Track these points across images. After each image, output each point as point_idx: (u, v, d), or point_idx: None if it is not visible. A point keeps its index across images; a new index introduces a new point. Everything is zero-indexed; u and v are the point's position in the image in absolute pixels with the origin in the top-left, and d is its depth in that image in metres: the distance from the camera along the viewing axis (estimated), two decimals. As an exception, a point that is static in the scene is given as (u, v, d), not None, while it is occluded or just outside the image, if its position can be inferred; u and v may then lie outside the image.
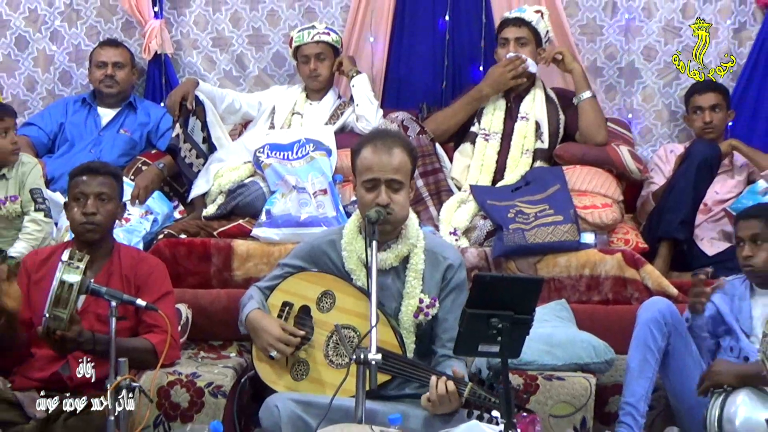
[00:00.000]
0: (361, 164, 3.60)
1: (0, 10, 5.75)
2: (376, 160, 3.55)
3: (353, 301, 3.64)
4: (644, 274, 4.42)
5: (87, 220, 3.82)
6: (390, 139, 3.64)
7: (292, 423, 3.37)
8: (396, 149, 3.57)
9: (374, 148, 3.58)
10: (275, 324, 3.66)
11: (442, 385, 3.28)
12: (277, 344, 3.61)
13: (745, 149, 5.04)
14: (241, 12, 5.67)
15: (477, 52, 5.50)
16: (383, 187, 3.53)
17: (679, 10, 5.42)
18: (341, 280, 3.71)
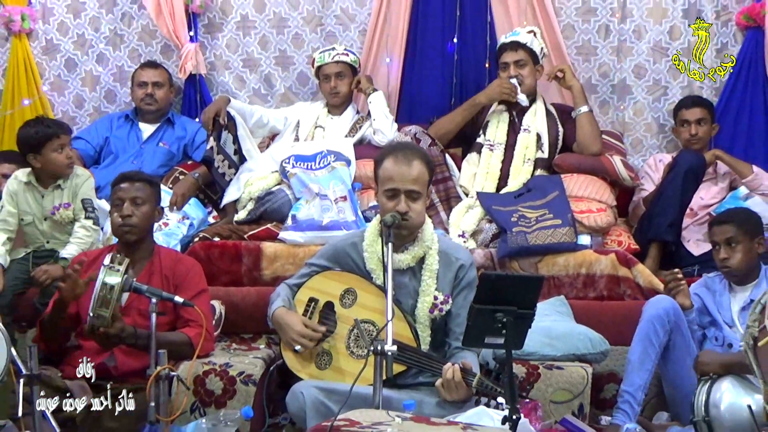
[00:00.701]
0: (383, 174, 3.62)
1: (51, 36, 5.78)
2: (396, 171, 3.58)
3: (373, 297, 3.65)
4: (636, 273, 4.42)
5: (123, 222, 3.85)
6: (410, 152, 3.66)
7: (316, 408, 3.37)
8: (415, 161, 3.60)
9: (395, 159, 3.60)
10: (298, 320, 3.67)
11: (451, 371, 3.32)
12: (299, 339, 3.63)
13: (727, 158, 5.03)
14: (269, 36, 5.67)
15: (482, 72, 5.49)
16: (403, 197, 3.56)
17: (666, 32, 5.40)
18: (362, 278, 3.72)
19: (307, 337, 3.62)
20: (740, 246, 3.83)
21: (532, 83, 5.01)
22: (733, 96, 5.35)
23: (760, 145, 5.33)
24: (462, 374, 3.36)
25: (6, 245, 4.63)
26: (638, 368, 3.76)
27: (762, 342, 2.19)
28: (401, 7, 5.46)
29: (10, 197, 4.66)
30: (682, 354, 3.77)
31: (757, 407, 3.04)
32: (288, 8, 5.63)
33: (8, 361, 3.03)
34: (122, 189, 3.91)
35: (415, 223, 3.62)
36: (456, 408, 3.39)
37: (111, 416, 3.59)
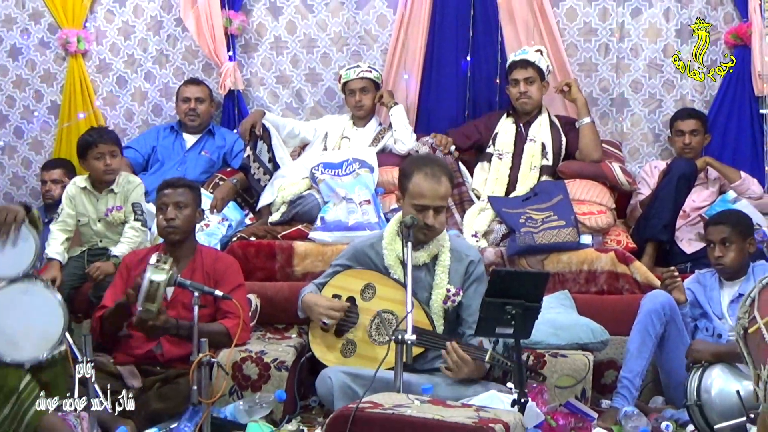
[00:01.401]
0: (413, 189, 3.65)
1: (104, 56, 5.81)
2: (427, 188, 3.62)
3: (391, 290, 3.68)
4: (633, 269, 4.40)
5: (168, 224, 3.88)
6: (437, 168, 3.69)
7: (343, 391, 3.39)
8: (443, 178, 3.67)
9: (425, 176, 3.64)
10: (324, 299, 3.78)
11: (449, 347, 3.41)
12: (327, 312, 3.70)
13: (717, 165, 5.02)
14: (300, 55, 5.68)
15: (493, 87, 5.47)
16: (431, 212, 3.61)
17: (661, 50, 5.38)
18: (380, 274, 3.78)
19: (334, 309, 3.69)
20: (734, 245, 3.81)
21: (539, 97, 5.00)
22: (722, 108, 5.32)
23: (746, 153, 5.29)
24: (474, 351, 3.38)
25: (64, 244, 4.67)
26: (636, 357, 3.75)
27: (752, 330, 2.18)
28: (419, 29, 5.45)
29: (69, 201, 4.71)
30: (676, 344, 3.76)
31: (745, 392, 3.02)
32: (317, 30, 5.64)
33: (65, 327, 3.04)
34: (166, 194, 3.94)
35: (437, 233, 3.71)
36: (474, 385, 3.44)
37: (158, 398, 3.63)
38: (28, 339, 3.00)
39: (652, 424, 3.57)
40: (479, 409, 2.90)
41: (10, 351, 2.97)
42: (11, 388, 2.89)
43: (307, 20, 5.64)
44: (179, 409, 3.48)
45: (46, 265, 4.60)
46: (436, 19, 5.48)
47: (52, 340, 3.03)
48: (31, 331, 3.00)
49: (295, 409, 3.86)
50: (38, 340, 3.01)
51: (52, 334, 3.02)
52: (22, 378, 2.94)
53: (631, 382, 3.73)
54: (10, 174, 6.01)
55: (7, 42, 5.90)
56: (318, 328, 3.82)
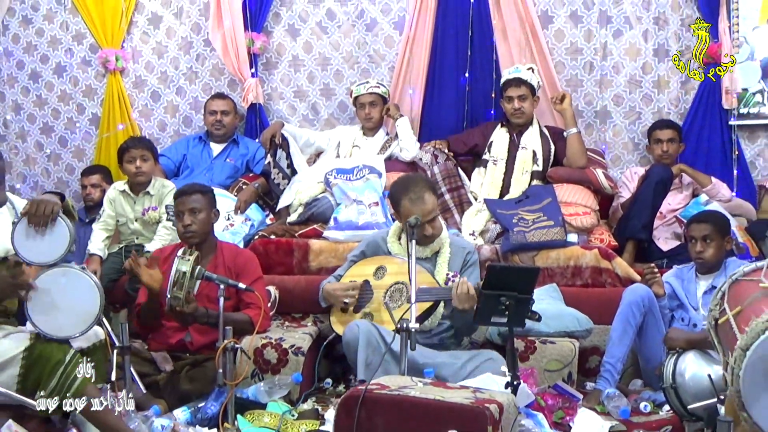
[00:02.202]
0: (404, 212, 3.73)
1: (140, 73, 5.83)
2: (416, 211, 3.69)
3: (399, 267, 3.82)
4: (615, 265, 4.39)
5: (185, 230, 3.86)
6: (420, 188, 3.77)
7: (367, 338, 3.49)
8: (426, 195, 3.75)
9: (411, 201, 3.73)
10: (340, 284, 3.86)
11: (461, 283, 3.46)
12: (346, 293, 3.80)
13: (690, 171, 5.01)
14: (315, 72, 5.68)
15: (489, 100, 5.46)
16: (426, 225, 3.70)
17: (640, 67, 5.36)
18: (388, 256, 3.89)
19: (350, 289, 3.80)
20: (714, 242, 3.80)
21: (531, 111, 4.99)
22: (695, 120, 5.30)
23: (717, 160, 5.27)
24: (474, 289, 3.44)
25: (105, 242, 4.71)
26: (618, 344, 3.75)
27: (722, 320, 2.17)
28: (422, 49, 5.44)
29: (110, 203, 4.73)
30: (653, 333, 3.75)
31: (716, 376, 3.01)
32: (330, 50, 5.64)
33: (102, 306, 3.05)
34: (181, 202, 3.90)
35: (435, 234, 3.81)
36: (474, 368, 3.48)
37: (187, 380, 3.63)
38: (68, 317, 3.00)
39: (631, 405, 3.56)
40: (476, 391, 2.89)
41: (53, 328, 2.97)
42: (57, 360, 2.89)
43: (322, 41, 5.65)
44: (206, 390, 3.49)
45: (87, 259, 4.63)
46: (438, 40, 5.48)
47: (90, 317, 3.03)
48: (71, 310, 3.00)
49: (311, 390, 3.85)
50: (78, 318, 3.01)
51: (89, 311, 3.03)
52: (67, 352, 2.94)
53: (613, 367, 3.73)
54: (55, 179, 6.04)
55: (53, 60, 5.93)
56: (338, 310, 3.88)
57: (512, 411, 2.88)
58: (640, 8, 5.32)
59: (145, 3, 5.78)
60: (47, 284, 2.99)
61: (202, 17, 5.73)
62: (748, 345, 1.90)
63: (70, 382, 2.88)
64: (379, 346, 3.38)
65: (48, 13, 5.89)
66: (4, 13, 5.89)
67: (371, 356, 3.37)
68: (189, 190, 3.94)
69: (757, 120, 5.25)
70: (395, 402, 2.75)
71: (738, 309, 2.12)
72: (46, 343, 2.93)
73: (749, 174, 5.28)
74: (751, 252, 4.53)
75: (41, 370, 2.87)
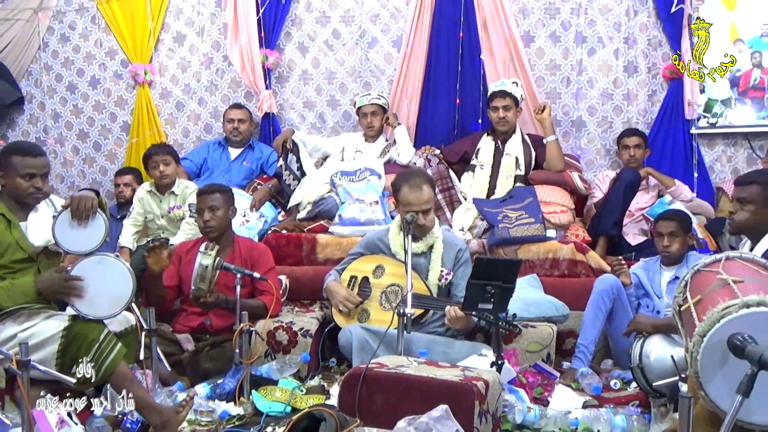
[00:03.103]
0: (402, 199, 3.71)
1: (166, 85, 5.82)
2: (413, 198, 3.68)
3: (396, 269, 3.74)
4: (589, 258, 4.39)
5: (205, 225, 3.87)
6: (419, 179, 3.73)
7: (360, 342, 3.45)
8: (424, 186, 3.70)
9: (409, 188, 3.69)
10: (343, 290, 3.77)
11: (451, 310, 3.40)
12: (344, 302, 3.72)
13: (656, 174, 5.00)
14: (322, 85, 5.67)
15: (477, 111, 5.44)
16: (420, 214, 3.66)
17: (611, 82, 5.35)
18: (387, 257, 3.82)
19: (348, 301, 3.71)
20: (678, 238, 3.82)
21: (514, 121, 4.98)
22: (661, 129, 5.29)
23: (680, 164, 5.27)
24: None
25: (134, 236, 4.73)
26: (590, 327, 3.75)
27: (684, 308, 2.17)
28: (418, 64, 5.43)
29: (139, 202, 4.74)
30: (621, 317, 3.75)
31: (678, 357, 3.01)
32: (336, 65, 5.63)
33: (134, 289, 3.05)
34: (202, 200, 3.91)
35: (428, 228, 3.75)
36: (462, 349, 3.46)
37: (207, 359, 3.63)
38: (103, 300, 3.00)
39: (603, 382, 3.56)
40: (465, 369, 2.90)
41: (90, 310, 2.97)
42: (93, 339, 2.89)
43: (329, 57, 5.64)
44: (225, 368, 3.49)
45: (118, 251, 4.63)
46: (432, 57, 5.46)
47: (123, 300, 3.03)
48: (106, 293, 3.00)
49: (318, 368, 3.85)
50: (112, 301, 3.01)
51: (123, 294, 3.02)
52: (102, 331, 2.94)
53: (586, 348, 3.74)
54: (90, 179, 6.04)
55: (87, 74, 5.92)
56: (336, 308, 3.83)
57: (497, 387, 2.88)
58: (612, 29, 5.31)
59: (170, 23, 5.78)
60: (85, 271, 2.99)
61: (221, 36, 5.72)
62: (705, 332, 1.90)
63: (104, 358, 2.88)
64: (370, 347, 3.36)
65: (83, 31, 5.88)
66: (44, 32, 5.88)
67: (364, 358, 3.35)
68: (209, 190, 3.94)
69: (715, 129, 5.24)
70: (393, 379, 2.75)
71: (698, 298, 2.12)
72: (83, 323, 2.93)
73: (708, 177, 5.29)
74: (710, 246, 4.53)
75: (78, 348, 2.87)
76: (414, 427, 2.48)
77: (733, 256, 2.23)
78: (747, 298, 1.90)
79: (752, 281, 2.04)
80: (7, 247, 3.02)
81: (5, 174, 3.08)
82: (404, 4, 5.49)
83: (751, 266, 2.17)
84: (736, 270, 2.13)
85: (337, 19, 5.60)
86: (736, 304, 1.89)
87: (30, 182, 3.07)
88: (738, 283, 2.03)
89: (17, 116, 6.06)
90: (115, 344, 2.94)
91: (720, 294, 2.02)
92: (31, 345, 2.71)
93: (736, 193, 3.04)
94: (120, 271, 3.04)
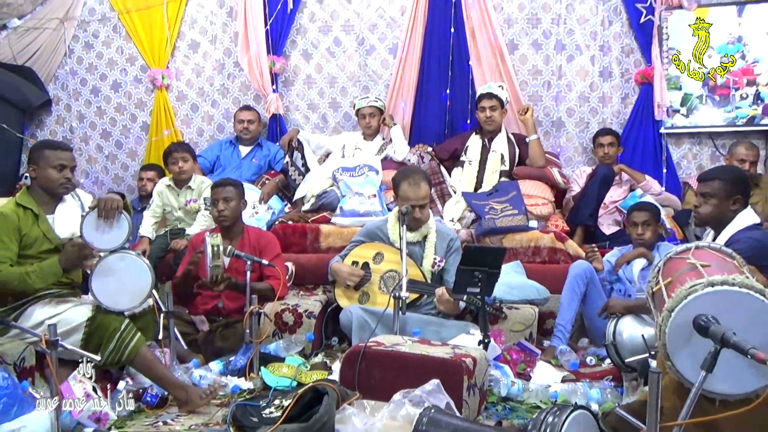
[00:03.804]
0: (402, 194, 3.71)
1: (182, 89, 5.80)
2: (411, 193, 3.68)
3: (394, 256, 3.74)
4: (567, 246, 4.39)
5: (219, 215, 3.88)
6: (417, 176, 3.73)
7: (359, 322, 3.44)
8: (422, 183, 3.70)
9: (408, 184, 3.69)
10: (346, 267, 3.79)
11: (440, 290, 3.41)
12: (349, 276, 3.75)
13: (628, 170, 5.01)
14: (324, 89, 5.66)
15: (466, 112, 5.44)
16: (417, 208, 3.66)
17: (588, 86, 5.35)
18: (386, 245, 3.80)
19: (353, 275, 3.74)
20: (651, 227, 3.82)
21: (500, 121, 4.98)
22: (633, 128, 5.29)
23: (649, 161, 5.27)
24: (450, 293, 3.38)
25: (154, 226, 4.72)
26: (567, 308, 3.75)
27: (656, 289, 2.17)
28: (412, 70, 5.42)
29: (158, 195, 4.74)
30: (595, 300, 3.75)
31: (648, 336, 3.01)
32: (337, 71, 5.62)
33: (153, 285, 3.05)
34: (216, 192, 3.92)
35: (423, 220, 3.75)
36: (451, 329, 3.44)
37: (220, 338, 3.62)
38: (125, 294, 3.00)
39: (579, 359, 3.56)
40: (454, 347, 2.90)
41: (112, 303, 2.98)
42: (115, 328, 2.90)
43: (330, 63, 5.62)
44: (236, 347, 3.49)
45: (139, 240, 4.62)
46: (425, 63, 5.45)
47: (143, 294, 3.03)
48: (127, 288, 3.00)
49: (321, 346, 3.85)
50: (132, 295, 3.01)
51: (142, 289, 3.03)
52: (123, 321, 2.95)
53: (564, 327, 3.74)
54: (113, 175, 6.02)
55: (110, 78, 5.90)
56: (342, 286, 3.84)
57: (484, 364, 2.89)
58: (588, 38, 5.31)
59: (186, 31, 5.75)
60: (108, 266, 2.99)
61: (232, 43, 5.70)
62: (673, 307, 1.90)
63: (124, 347, 2.89)
64: (369, 326, 3.37)
65: (106, 39, 5.85)
66: (69, 40, 5.85)
67: (363, 336, 3.35)
68: (224, 183, 3.96)
69: (682, 129, 5.24)
70: (389, 356, 2.75)
71: (669, 280, 2.12)
72: (104, 314, 2.94)
73: (675, 173, 5.29)
74: (677, 236, 4.54)
75: (101, 337, 2.89)
76: (408, 400, 2.48)
77: (702, 246, 2.24)
78: (712, 278, 1.91)
79: (717, 266, 2.05)
80: (36, 239, 3.03)
81: (38, 167, 3.09)
82: (399, 14, 5.48)
83: (718, 254, 2.19)
84: (705, 257, 2.14)
85: (338, 28, 5.58)
86: (702, 282, 1.90)
87: (61, 173, 3.09)
88: (705, 267, 2.05)
89: (45, 117, 6.03)
90: (135, 333, 2.94)
91: (689, 275, 2.03)
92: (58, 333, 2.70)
93: (699, 188, 3.04)
94: (140, 267, 3.04)
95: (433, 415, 2.32)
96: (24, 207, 3.05)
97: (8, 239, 2.96)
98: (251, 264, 3.53)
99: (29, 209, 3.05)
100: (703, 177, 3.06)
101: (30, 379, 2.83)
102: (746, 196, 2.98)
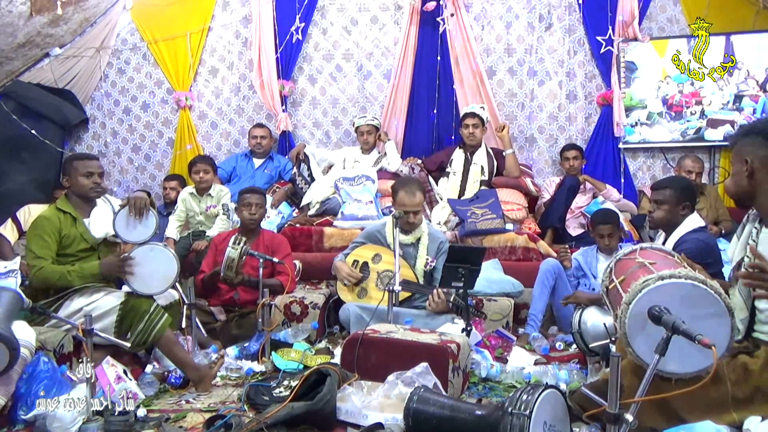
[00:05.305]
0: (399, 201, 3.69)
1: (203, 109, 5.79)
2: (407, 200, 3.66)
3: (391, 258, 3.71)
4: (539, 246, 4.40)
5: (251, 218, 3.86)
6: (413, 186, 3.72)
7: (356, 317, 3.40)
8: (417, 192, 3.68)
9: (405, 192, 3.67)
10: (346, 267, 3.74)
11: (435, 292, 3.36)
12: (347, 277, 3.69)
13: (591, 180, 5.02)
14: (328, 109, 5.66)
15: (450, 129, 5.45)
16: (411, 214, 3.65)
17: (556, 107, 5.37)
18: (384, 247, 3.78)
19: (351, 276, 3.69)
20: (615, 236, 3.82)
21: (481, 137, 4.98)
22: (595, 144, 5.31)
23: (610, 172, 5.29)
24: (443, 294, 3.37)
25: (178, 229, 4.71)
26: (538, 300, 3.74)
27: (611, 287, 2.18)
28: (404, 93, 5.43)
29: (182, 201, 4.73)
30: (563, 292, 3.74)
31: (609, 324, 3.01)
32: (339, 93, 5.62)
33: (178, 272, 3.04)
34: (246, 198, 3.92)
35: (417, 225, 3.73)
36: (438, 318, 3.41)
37: (236, 327, 3.61)
38: (154, 279, 3.00)
39: (550, 344, 3.57)
40: (441, 334, 2.89)
41: (143, 288, 2.98)
42: (144, 310, 2.89)
43: (333, 87, 5.62)
44: (250, 334, 3.48)
45: (165, 241, 4.60)
46: (415, 86, 5.46)
47: (169, 280, 3.03)
48: (156, 274, 3.00)
49: (324, 334, 3.84)
50: (160, 281, 3.01)
51: (169, 276, 3.02)
52: (152, 305, 2.94)
53: (536, 317, 3.73)
54: (142, 184, 5.99)
55: (140, 100, 5.88)
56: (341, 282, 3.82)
57: (466, 349, 2.89)
58: (557, 66, 5.33)
59: (206, 59, 5.74)
60: (139, 256, 2.99)
61: (247, 69, 5.69)
62: (630, 300, 1.92)
63: (152, 326, 2.88)
64: (364, 321, 3.35)
65: (136, 65, 5.84)
66: (105, 66, 5.84)
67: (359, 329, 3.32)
68: (255, 190, 3.98)
69: (637, 144, 5.26)
70: (384, 342, 2.75)
71: (622, 278, 2.14)
72: (136, 298, 2.93)
73: (632, 182, 5.31)
74: (634, 237, 4.55)
75: (132, 318, 2.87)
76: (401, 380, 2.48)
77: (645, 247, 2.26)
78: (661, 272, 1.93)
79: (663, 263, 2.08)
80: (74, 239, 3.03)
81: (70, 177, 3.10)
82: (393, 44, 5.49)
83: (661, 253, 2.21)
84: (650, 255, 2.16)
85: (339, 56, 5.59)
86: (653, 277, 1.92)
87: (90, 179, 3.09)
88: (653, 264, 2.06)
89: (83, 133, 6.01)
90: (162, 315, 2.94)
91: (640, 272, 2.05)
92: (94, 316, 2.72)
93: (653, 196, 3.05)
94: (167, 257, 3.03)
95: (422, 393, 2.31)
96: (64, 211, 3.06)
97: (50, 239, 2.96)
98: (263, 262, 3.52)
99: (68, 213, 3.06)
100: (657, 186, 3.07)
101: (68, 364, 2.81)
102: (693, 203, 3.00)
